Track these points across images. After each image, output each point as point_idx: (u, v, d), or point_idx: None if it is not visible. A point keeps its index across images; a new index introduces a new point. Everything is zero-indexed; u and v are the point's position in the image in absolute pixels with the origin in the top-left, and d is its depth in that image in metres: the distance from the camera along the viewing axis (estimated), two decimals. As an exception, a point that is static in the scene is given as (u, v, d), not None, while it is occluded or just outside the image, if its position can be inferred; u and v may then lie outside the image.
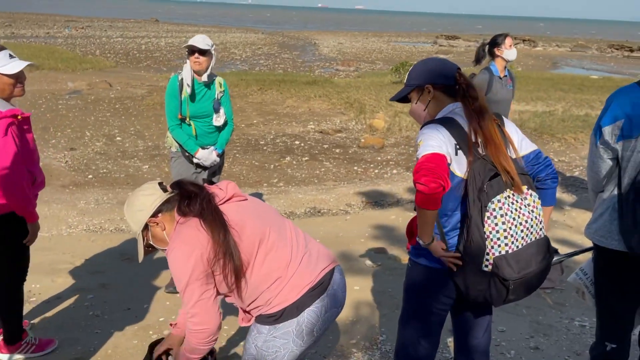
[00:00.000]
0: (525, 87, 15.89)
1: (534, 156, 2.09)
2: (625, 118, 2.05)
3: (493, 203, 1.88)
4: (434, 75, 2.07)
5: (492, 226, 1.88)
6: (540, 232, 1.99)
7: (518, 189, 1.92)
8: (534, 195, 1.97)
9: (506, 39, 4.71)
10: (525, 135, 2.16)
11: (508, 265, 1.90)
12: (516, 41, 41.93)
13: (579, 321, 3.42)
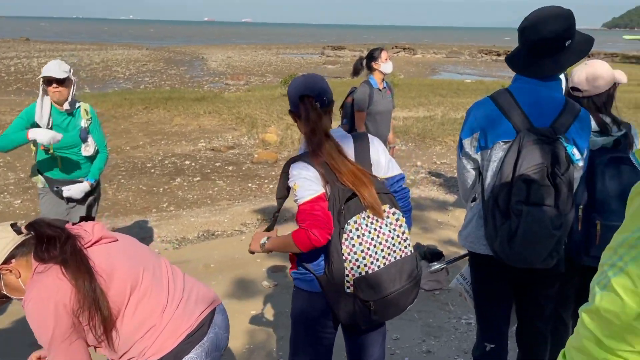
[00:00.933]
0: (407, 94, 16.76)
1: (396, 181, 2.16)
2: (481, 130, 2.18)
3: (349, 224, 1.91)
4: (290, 101, 2.10)
5: (349, 247, 1.91)
6: (406, 249, 2.02)
7: (375, 209, 1.94)
8: (398, 214, 2.01)
9: (382, 53, 4.90)
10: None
11: (368, 286, 1.92)
12: (397, 49, 44.29)
13: (465, 319, 3.61)
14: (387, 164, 2.14)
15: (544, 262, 2.09)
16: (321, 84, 2.06)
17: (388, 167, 2.14)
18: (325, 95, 2.04)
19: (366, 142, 2.12)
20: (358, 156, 2.07)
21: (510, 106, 2.14)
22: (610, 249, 1.09)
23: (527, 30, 2.12)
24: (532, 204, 2.02)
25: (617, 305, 1.04)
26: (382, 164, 2.12)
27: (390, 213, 1.99)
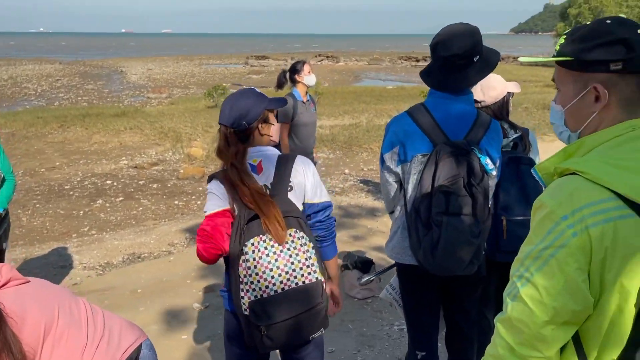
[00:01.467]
0: (333, 102, 17.02)
1: (321, 209, 2.14)
2: (400, 145, 2.25)
3: (247, 246, 1.91)
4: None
5: (246, 269, 1.91)
6: (309, 276, 1.97)
7: (275, 232, 1.92)
8: (305, 238, 1.98)
9: (305, 66, 4.94)
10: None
11: (262, 311, 1.92)
12: (320, 58, 44.90)
13: (397, 325, 3.68)
14: (314, 189, 2.13)
15: (465, 269, 2.17)
16: (239, 111, 2.05)
17: (314, 192, 2.13)
18: (243, 119, 2.04)
19: (290, 164, 2.10)
20: (277, 177, 2.07)
21: (426, 121, 2.22)
22: (518, 260, 1.15)
23: (439, 47, 2.21)
24: (451, 214, 2.10)
25: (526, 314, 1.10)
26: (306, 188, 2.10)
27: (296, 237, 1.96)
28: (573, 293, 1.06)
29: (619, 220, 1.05)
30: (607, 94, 1.14)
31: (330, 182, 8.01)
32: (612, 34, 1.13)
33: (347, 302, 4.05)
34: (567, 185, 1.12)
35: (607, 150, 1.13)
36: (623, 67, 1.12)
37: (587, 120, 1.19)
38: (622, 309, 1.05)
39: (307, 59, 5.37)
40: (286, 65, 38.20)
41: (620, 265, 1.04)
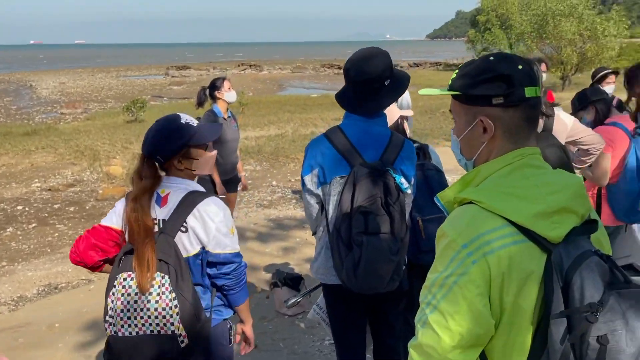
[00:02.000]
0: (257, 112, 16.94)
1: (224, 262, 2.05)
2: (319, 167, 2.28)
3: (117, 279, 1.91)
4: None
5: (111, 302, 1.90)
6: (164, 327, 1.89)
7: (139, 274, 1.87)
8: (171, 289, 1.88)
9: (224, 82, 4.87)
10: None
11: (115, 347, 1.91)
12: (243, 67, 44.61)
13: (328, 340, 3.69)
14: (216, 238, 2.01)
15: (387, 286, 2.22)
16: (154, 144, 1.99)
17: (216, 241, 2.01)
18: (158, 154, 1.99)
19: (193, 204, 1.99)
20: (174, 214, 1.98)
21: (343, 143, 2.26)
22: (426, 288, 1.21)
23: (351, 72, 2.25)
24: (371, 234, 2.14)
25: (434, 340, 1.15)
26: (201, 235, 1.99)
27: (162, 284, 1.88)
28: (476, 317, 1.12)
29: (512, 246, 1.12)
30: (493, 126, 1.22)
31: (258, 194, 7.95)
32: (494, 70, 1.21)
33: (278, 320, 4.03)
34: (465, 214, 1.19)
35: (500, 179, 1.20)
36: (504, 101, 1.20)
37: (479, 149, 1.27)
38: (520, 328, 1.13)
39: (226, 75, 5.25)
40: (208, 74, 37.68)
41: (516, 288, 1.12)
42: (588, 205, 1.20)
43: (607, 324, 1.02)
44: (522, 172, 1.19)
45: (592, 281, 1.05)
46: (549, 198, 1.14)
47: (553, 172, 1.22)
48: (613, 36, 23.25)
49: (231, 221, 2.07)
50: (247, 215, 6.95)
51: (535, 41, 25.73)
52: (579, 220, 1.16)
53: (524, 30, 26.60)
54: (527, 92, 1.19)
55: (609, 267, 1.09)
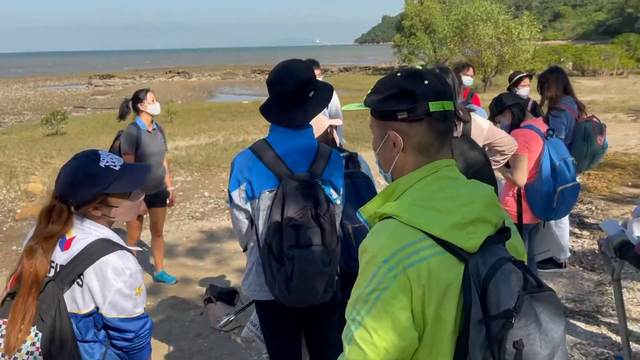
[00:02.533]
0: (187, 120, 16.54)
1: (121, 329, 1.79)
2: (247, 181, 2.24)
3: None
4: None
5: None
6: None
7: (8, 335, 1.65)
8: (39, 353, 1.67)
9: (147, 94, 4.71)
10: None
11: None
12: (171, 74, 43.56)
13: (265, 354, 3.64)
14: (109, 300, 1.74)
15: (321, 298, 2.22)
16: (64, 186, 1.78)
17: (112, 305, 1.75)
18: (69, 198, 1.78)
19: (93, 258, 1.74)
20: (71, 264, 1.74)
21: (269, 156, 2.24)
22: (351, 304, 1.22)
23: (275, 84, 2.24)
24: (302, 247, 2.13)
25: (360, 356, 1.16)
26: (95, 294, 1.73)
27: (32, 342, 1.66)
28: (399, 331, 1.14)
29: (431, 258, 1.15)
30: (402, 140, 1.25)
31: (190, 207, 7.75)
32: (398, 86, 1.25)
33: (214, 337, 3.93)
34: (385, 229, 1.20)
35: (417, 192, 1.23)
36: (408, 116, 1.23)
37: (392, 163, 1.30)
38: (443, 338, 1.16)
39: (149, 85, 5.07)
40: (135, 83, 36.48)
41: (437, 299, 1.14)
42: (501, 214, 1.24)
43: (522, 329, 1.06)
44: (438, 184, 1.22)
45: (507, 288, 1.09)
46: (464, 209, 1.17)
47: (467, 183, 1.26)
48: (527, 39, 24.65)
49: (139, 280, 1.81)
50: (179, 228, 6.77)
51: (458, 45, 26.84)
52: (493, 229, 1.20)
53: (446, 35, 27.71)
54: (432, 106, 1.22)
55: (523, 272, 1.14)
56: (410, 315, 1.14)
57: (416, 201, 1.20)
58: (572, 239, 5.33)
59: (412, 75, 1.26)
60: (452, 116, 1.27)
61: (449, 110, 1.25)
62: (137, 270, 1.81)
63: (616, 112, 14.81)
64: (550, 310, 1.10)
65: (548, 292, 1.12)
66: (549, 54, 32.25)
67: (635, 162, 8.68)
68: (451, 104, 1.25)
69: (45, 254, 1.71)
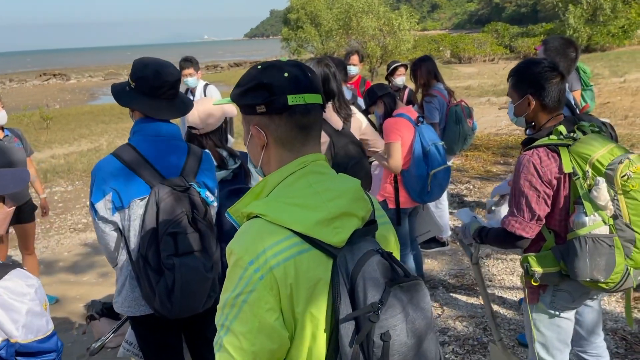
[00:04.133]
0: (66, 126, 15.44)
1: (35, 351, 1.63)
2: (113, 191, 2.08)
3: None
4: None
5: None
6: None
7: None
8: None
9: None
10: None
11: None
12: (47, 77, 40.36)
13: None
14: (23, 325, 1.57)
15: (205, 305, 2.14)
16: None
17: (24, 330, 1.57)
18: None
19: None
20: None
21: (137, 161, 2.11)
22: (219, 309, 1.16)
23: (150, 75, 2.14)
24: (183, 254, 2.04)
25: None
26: (3, 324, 1.54)
27: None
28: (268, 334, 1.10)
29: (297, 256, 1.12)
30: (264, 134, 1.22)
31: (72, 218, 7.23)
32: (256, 79, 1.21)
33: (98, 356, 3.68)
34: (251, 229, 1.16)
35: (284, 189, 1.19)
36: (266, 109, 1.19)
37: (259, 158, 1.26)
38: (315, 336, 1.13)
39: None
40: (4, 87, 33.18)
41: (306, 297, 1.12)
42: (368, 207, 1.22)
43: (388, 320, 1.06)
44: (306, 179, 1.19)
45: (374, 281, 1.08)
46: (330, 204, 1.15)
47: (334, 178, 1.23)
48: (407, 30, 25.90)
49: (44, 294, 1.65)
50: (59, 243, 6.28)
51: (343, 37, 27.54)
52: (360, 222, 1.18)
53: (332, 27, 28.30)
54: (291, 99, 1.18)
55: (390, 263, 1.13)
56: (280, 315, 1.11)
57: (281, 198, 1.17)
58: (453, 218, 5.67)
59: (270, 68, 1.21)
60: (317, 109, 1.23)
61: (312, 104, 1.21)
62: (39, 284, 1.64)
63: (489, 95, 16.03)
64: (416, 299, 1.11)
65: (414, 282, 1.13)
66: (428, 43, 34.16)
67: (505, 142, 9.44)
68: (315, 97, 1.21)
69: None
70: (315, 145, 1.26)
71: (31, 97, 26.23)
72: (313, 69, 1.27)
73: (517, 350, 3.41)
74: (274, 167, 1.24)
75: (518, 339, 3.48)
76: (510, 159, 8.21)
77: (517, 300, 4.01)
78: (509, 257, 4.78)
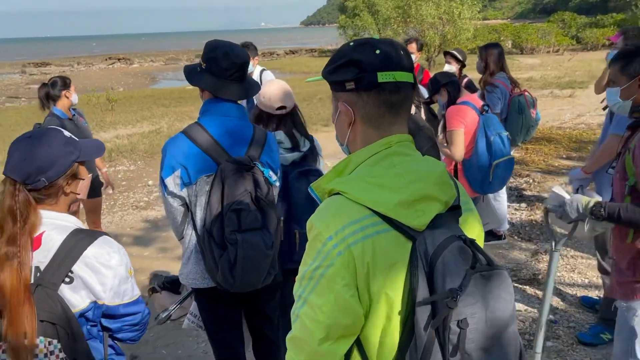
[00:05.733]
0: (129, 108, 16.02)
1: (128, 313, 1.71)
2: (181, 167, 2.17)
3: None
4: None
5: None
6: None
7: (15, 352, 1.48)
8: (63, 357, 1.53)
9: (61, 83, 4.49)
10: None
11: None
12: (112, 61, 41.95)
13: (213, 341, 3.62)
14: (110, 288, 1.63)
15: (264, 281, 2.21)
16: (37, 162, 1.58)
17: (111, 293, 1.63)
18: (41, 175, 1.58)
19: (81, 247, 1.59)
20: (55, 260, 1.57)
21: (205, 140, 2.18)
22: (298, 280, 1.20)
23: (220, 55, 2.19)
24: (245, 231, 2.10)
25: (305, 333, 1.15)
26: (92, 287, 1.59)
27: (48, 351, 1.51)
28: (343, 308, 1.12)
29: (376, 235, 1.12)
30: (352, 112, 1.22)
31: (134, 196, 7.54)
32: (347, 56, 1.21)
33: (160, 327, 3.85)
34: (331, 205, 1.18)
35: (367, 168, 1.20)
36: (355, 86, 1.19)
37: (346, 135, 1.27)
38: (390, 317, 1.14)
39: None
40: (72, 70, 34.91)
41: (382, 277, 1.12)
42: (452, 192, 1.20)
43: (467, 308, 1.04)
44: (390, 160, 1.18)
45: (454, 266, 1.07)
46: (412, 187, 1.14)
47: (419, 160, 1.22)
48: (467, 19, 25.20)
49: (128, 260, 1.71)
50: (123, 219, 6.57)
51: (401, 25, 27.12)
52: (442, 207, 1.16)
53: (390, 15, 27.91)
54: (380, 77, 1.17)
55: (472, 251, 1.11)
56: (355, 292, 1.12)
57: (364, 177, 1.17)
58: (511, 212, 5.53)
59: (362, 45, 1.21)
60: (407, 88, 1.20)
61: (402, 82, 1.18)
62: (124, 251, 1.71)
63: (552, 88, 15.41)
64: (498, 288, 1.09)
65: (497, 271, 1.10)
66: (489, 33, 33.11)
67: (569, 135, 9.08)
68: (406, 76, 1.19)
69: (27, 255, 1.52)
70: (403, 126, 1.24)
71: (97, 80, 27.36)
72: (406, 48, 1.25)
73: (576, 348, 3.32)
74: (359, 145, 1.24)
75: (578, 336, 3.38)
76: (574, 154, 7.89)
77: (577, 297, 3.88)
78: (570, 254, 4.62)
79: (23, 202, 1.56)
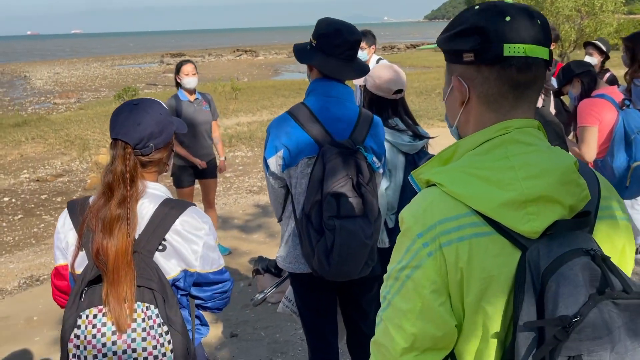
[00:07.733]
0: (251, 97, 16.74)
1: (215, 281, 1.72)
2: (284, 148, 2.12)
3: (81, 317, 1.50)
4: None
5: (75, 347, 1.51)
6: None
7: (118, 314, 1.49)
8: (160, 322, 1.53)
9: (182, 67, 4.71)
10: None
11: None
12: (239, 52, 44.21)
13: (311, 328, 3.59)
14: (201, 256, 1.65)
15: (361, 272, 2.11)
16: (150, 128, 1.59)
17: (204, 259, 1.66)
18: (152, 140, 1.60)
19: (173, 215, 1.61)
20: (148, 228, 1.59)
21: (309, 121, 2.12)
22: (385, 279, 1.05)
23: (331, 32, 2.12)
24: (344, 217, 2.02)
25: (387, 339, 1.01)
26: (184, 255, 1.62)
27: (147, 317, 1.52)
28: (431, 318, 0.95)
29: (474, 238, 0.93)
30: (468, 89, 1.02)
31: (249, 181, 7.83)
32: (469, 21, 1.00)
33: (261, 308, 3.92)
34: (424, 198, 1.01)
35: (475, 157, 0.99)
36: (475, 58, 0.98)
37: (457, 116, 1.07)
38: (488, 334, 0.95)
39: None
40: (204, 61, 37.38)
41: (479, 288, 0.94)
42: (581, 194, 0.95)
43: (585, 343, 0.83)
44: (504, 149, 0.97)
45: (572, 288, 0.85)
46: (525, 184, 0.92)
47: (542, 152, 0.98)
48: (610, 12, 22.92)
49: (215, 231, 1.74)
50: (237, 202, 6.84)
51: (533, 19, 25.40)
52: (566, 212, 0.93)
53: (522, 8, 26.23)
54: (507, 49, 0.95)
55: (603, 271, 0.87)
56: (447, 300, 0.95)
57: (465, 168, 0.97)
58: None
59: (489, 9, 0.99)
60: (539, 66, 0.98)
61: (534, 58, 0.96)
62: (211, 222, 1.74)
63: None
64: (636, 325, 0.85)
65: (638, 301, 0.85)
66: (635, 27, 29.87)
67: None
68: (541, 51, 0.97)
69: (134, 221, 1.55)
70: (529, 110, 1.03)
71: (225, 70, 29.00)
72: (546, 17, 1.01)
73: None
74: (472, 130, 1.04)
75: None
76: None
77: None
78: None
79: (133, 166, 1.58)
